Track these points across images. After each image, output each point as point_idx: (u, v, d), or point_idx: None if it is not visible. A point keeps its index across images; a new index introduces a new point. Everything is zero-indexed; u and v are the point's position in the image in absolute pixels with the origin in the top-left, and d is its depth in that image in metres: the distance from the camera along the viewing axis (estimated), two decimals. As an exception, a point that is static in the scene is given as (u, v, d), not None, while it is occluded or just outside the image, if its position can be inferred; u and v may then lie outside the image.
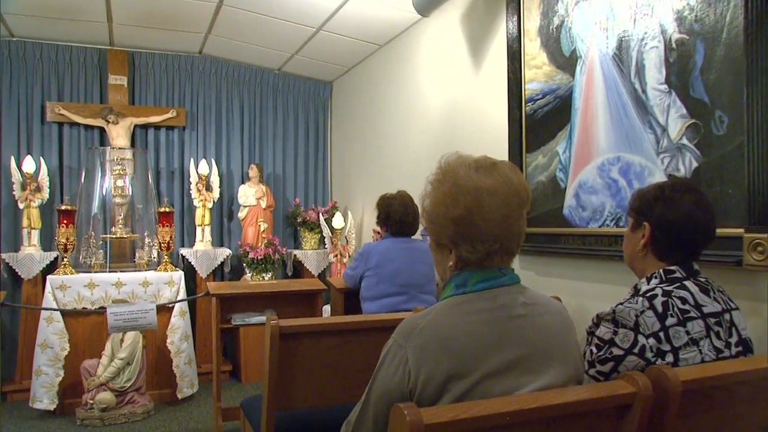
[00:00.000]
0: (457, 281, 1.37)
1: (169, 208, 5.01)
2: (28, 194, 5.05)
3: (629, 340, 1.50)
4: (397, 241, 3.57)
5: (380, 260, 3.48)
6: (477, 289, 1.35)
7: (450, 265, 1.39)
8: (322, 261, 5.96)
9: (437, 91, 4.23)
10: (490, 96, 3.54)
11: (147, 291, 4.72)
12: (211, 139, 6.01)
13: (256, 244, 5.72)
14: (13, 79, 5.35)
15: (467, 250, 1.35)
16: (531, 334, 1.32)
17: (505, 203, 1.32)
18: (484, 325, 1.29)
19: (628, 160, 2.49)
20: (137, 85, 5.78)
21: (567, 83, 2.84)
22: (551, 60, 2.95)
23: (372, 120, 5.41)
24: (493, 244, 1.33)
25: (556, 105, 2.91)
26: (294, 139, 6.37)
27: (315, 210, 5.98)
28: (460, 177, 1.34)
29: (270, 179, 6.23)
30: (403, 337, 1.30)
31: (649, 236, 1.68)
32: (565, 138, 2.86)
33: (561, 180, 2.89)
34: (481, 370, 1.24)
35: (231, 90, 6.10)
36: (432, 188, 1.41)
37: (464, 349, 1.25)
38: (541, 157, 3.01)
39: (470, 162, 1.37)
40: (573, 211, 2.81)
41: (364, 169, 5.64)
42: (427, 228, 1.45)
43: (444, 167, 1.40)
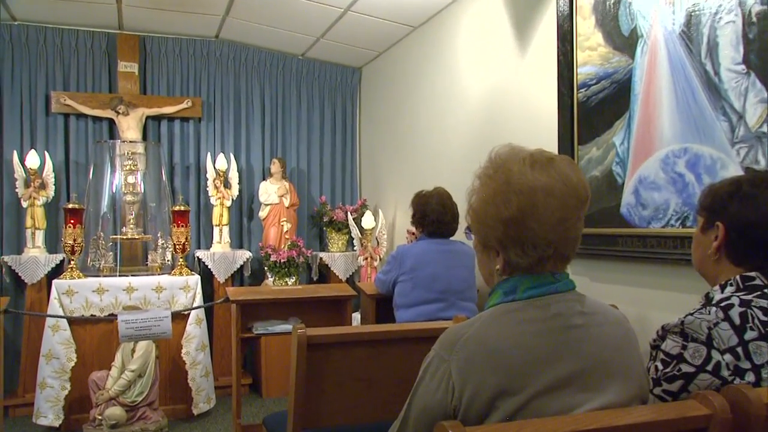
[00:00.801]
0: (506, 287, 1.37)
1: (184, 206, 5.06)
2: (32, 192, 5.15)
3: (701, 356, 1.47)
4: (434, 243, 3.57)
5: (415, 264, 3.48)
6: (528, 296, 1.34)
7: (497, 269, 1.39)
8: (350, 264, 5.97)
9: (478, 77, 4.20)
10: (538, 82, 3.50)
11: (160, 297, 4.77)
12: (229, 131, 6.07)
13: (279, 245, 5.76)
14: (15, 67, 5.46)
15: (517, 254, 1.34)
16: (589, 346, 1.30)
17: (562, 205, 1.31)
18: (537, 337, 1.28)
19: (697, 152, 2.45)
20: (149, 73, 5.86)
21: (626, 66, 2.80)
22: (608, 40, 2.91)
23: (405, 109, 5.40)
24: (547, 249, 1.32)
25: (613, 91, 2.87)
26: (319, 131, 6.40)
27: (342, 209, 6.00)
28: (513, 173, 1.33)
29: (293, 175, 6.27)
30: (445, 349, 1.30)
31: (723, 238, 1.65)
32: (623, 128, 2.82)
33: (618, 175, 2.85)
34: (533, 387, 1.23)
35: (251, 78, 6.15)
36: (480, 184, 1.40)
37: (514, 362, 1.24)
38: (595, 150, 2.98)
39: (524, 156, 1.36)
40: (632, 210, 2.77)
41: (396, 164, 5.64)
42: (472, 227, 1.44)
43: (495, 161, 1.39)
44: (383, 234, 5.61)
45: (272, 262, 5.60)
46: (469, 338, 1.28)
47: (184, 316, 4.77)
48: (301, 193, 6.19)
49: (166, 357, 4.75)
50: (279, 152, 6.25)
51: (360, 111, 6.56)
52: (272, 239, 5.82)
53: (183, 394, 4.76)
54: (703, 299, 1.67)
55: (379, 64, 6.05)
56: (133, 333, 3.90)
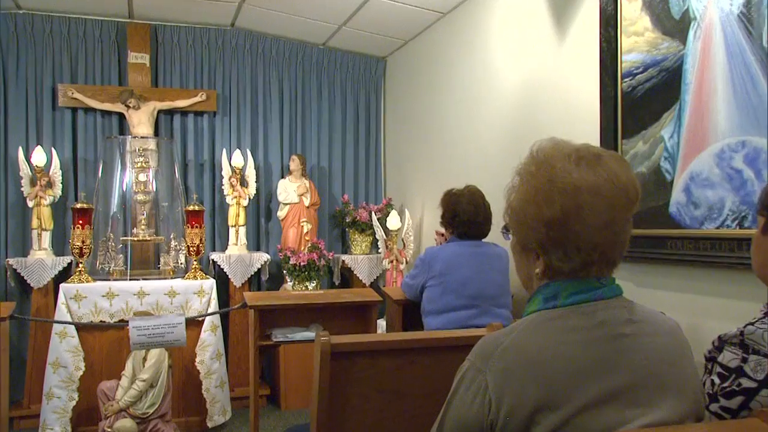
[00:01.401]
0: (546, 293, 1.36)
1: (198, 206, 5.10)
2: (39, 191, 5.21)
3: (764, 370, 1.43)
4: (465, 245, 3.55)
5: (445, 267, 3.47)
6: (571, 302, 1.32)
7: (536, 273, 1.38)
8: (374, 268, 5.97)
9: (513, 67, 4.17)
10: (578, 71, 3.47)
11: (173, 302, 4.81)
12: (245, 126, 6.10)
13: (299, 247, 5.77)
14: (20, 58, 5.53)
15: (559, 258, 1.33)
16: (638, 358, 1.28)
17: (610, 206, 1.30)
18: (581, 346, 1.26)
19: (757, 146, 2.40)
20: (161, 64, 5.90)
21: (676, 52, 2.76)
22: (656, 24, 2.87)
23: (433, 102, 5.38)
24: (592, 254, 1.31)
25: (662, 80, 2.83)
26: (341, 125, 6.41)
27: (366, 208, 6.01)
28: (557, 171, 1.32)
29: (314, 173, 6.28)
30: (481, 359, 1.29)
31: (787, 240, 1.61)
32: (673, 120, 2.77)
33: (666, 171, 2.81)
34: (576, 401, 1.21)
35: (268, 69, 6.17)
36: (521, 181, 1.39)
37: (556, 374, 1.23)
38: (642, 144, 2.94)
39: (569, 152, 1.35)
40: (682, 209, 2.73)
41: (424, 160, 5.63)
42: (510, 227, 1.43)
43: (537, 156, 1.38)
44: (410, 235, 5.59)
45: (291, 265, 5.61)
46: (507, 348, 1.27)
47: (199, 323, 4.80)
48: (322, 192, 6.20)
49: (180, 366, 4.78)
50: (298, 148, 6.27)
51: (385, 104, 6.56)
52: (291, 241, 5.83)
53: (197, 406, 4.79)
54: (764, 308, 1.63)
55: (405, 54, 6.03)
56: (145, 340, 3.92)
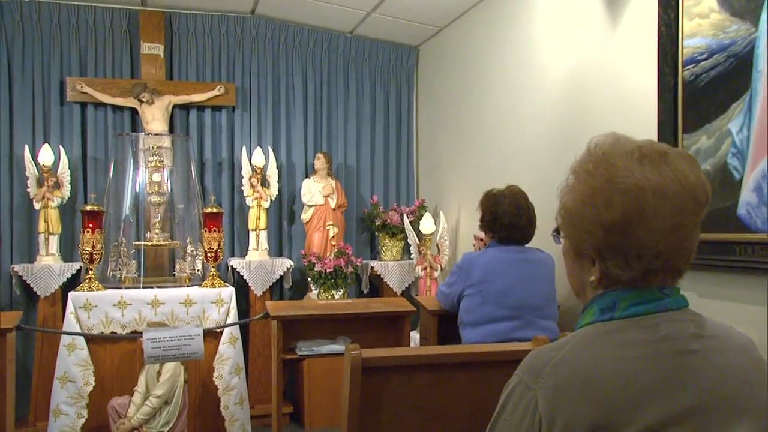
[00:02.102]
0: (603, 303, 1.34)
1: (216, 208, 5.11)
2: (46, 192, 5.26)
3: None
4: (507, 251, 3.53)
5: (485, 275, 3.45)
6: (630, 314, 1.31)
7: (591, 281, 1.36)
8: (406, 275, 5.96)
9: (559, 55, 4.14)
10: (633, 58, 3.43)
11: (189, 312, 4.83)
12: (267, 121, 6.12)
13: (324, 253, 5.78)
14: (26, 50, 5.59)
15: (618, 265, 1.31)
16: (708, 377, 1.26)
17: (676, 209, 1.28)
18: (642, 363, 1.24)
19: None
20: (176, 56, 5.95)
21: (746, 36, 2.70)
22: (723, 5, 2.81)
23: (471, 94, 5.36)
24: (655, 261, 1.29)
25: (730, 66, 2.78)
26: (370, 121, 6.41)
27: (398, 210, 5.99)
28: (618, 170, 1.30)
29: (341, 172, 6.29)
30: (530, 376, 1.28)
31: None
32: (742, 111, 2.72)
33: (735, 169, 2.76)
34: (637, 424, 1.19)
35: (291, 60, 6.19)
36: (577, 180, 1.37)
37: (614, 393, 1.21)
38: (705, 139, 2.89)
39: (631, 149, 1.33)
40: (753, 211, 2.68)
41: (460, 158, 5.60)
42: (563, 231, 1.42)
43: (595, 153, 1.36)
44: (445, 240, 5.57)
45: (316, 272, 5.61)
46: (559, 363, 1.26)
47: (217, 335, 4.81)
48: (349, 193, 6.21)
49: (196, 381, 4.80)
50: (324, 146, 6.28)
51: (417, 97, 6.55)
52: (316, 246, 5.84)
53: (214, 424, 4.80)
54: None
55: (439, 42, 6.02)
56: (160, 353, 3.93)
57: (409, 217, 5.82)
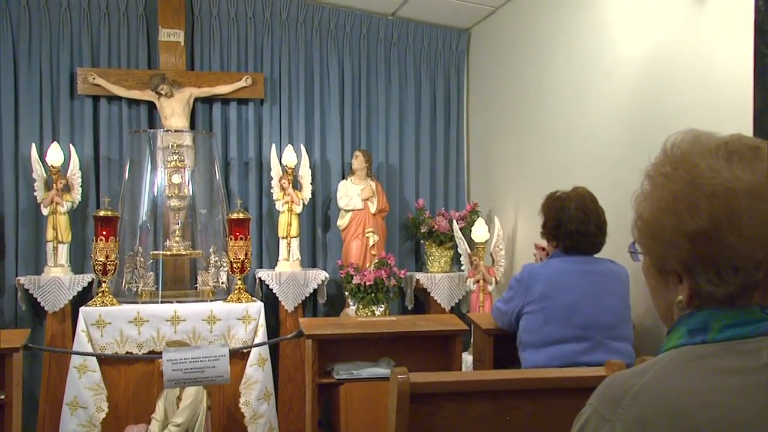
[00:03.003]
0: (693, 324, 1.30)
1: (243, 213, 5.14)
2: (54, 195, 5.31)
3: None
4: (574, 262, 3.50)
5: (548, 289, 3.42)
6: (726, 337, 1.26)
7: (679, 300, 1.32)
8: (456, 289, 5.92)
9: (634, 36, 4.09)
10: (724, 39, 3.37)
11: (213, 330, 4.86)
12: (299, 116, 6.13)
13: (363, 264, 5.77)
14: (32, 38, 5.65)
15: (709, 280, 1.27)
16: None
17: None
18: (740, 394, 1.20)
19: None
20: (198, 43, 5.98)
21: None
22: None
23: (530, 84, 5.32)
24: (754, 274, 1.25)
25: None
26: (415, 114, 6.39)
27: (446, 216, 5.96)
28: (701, 170, 1.26)
29: (381, 172, 6.28)
30: (607, 406, 1.24)
31: None
32: None
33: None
34: (734, 464, 1.16)
35: (326, 46, 6.19)
36: (653, 185, 1.34)
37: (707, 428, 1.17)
38: (806, 131, 2.84)
39: (716, 145, 1.29)
40: None
41: (518, 156, 5.56)
42: (642, 244, 1.38)
43: (673, 153, 1.33)
44: (500, 249, 5.53)
45: (354, 285, 5.59)
46: (641, 392, 1.22)
47: (243, 356, 4.83)
48: (391, 196, 6.19)
49: (220, 408, 4.81)
50: (363, 143, 6.28)
51: (468, 87, 6.53)
52: (354, 256, 5.83)
53: (241, 456, 4.83)
54: None
55: (494, 24, 5.99)
56: (181, 376, 3.95)
57: (459, 223, 5.78)
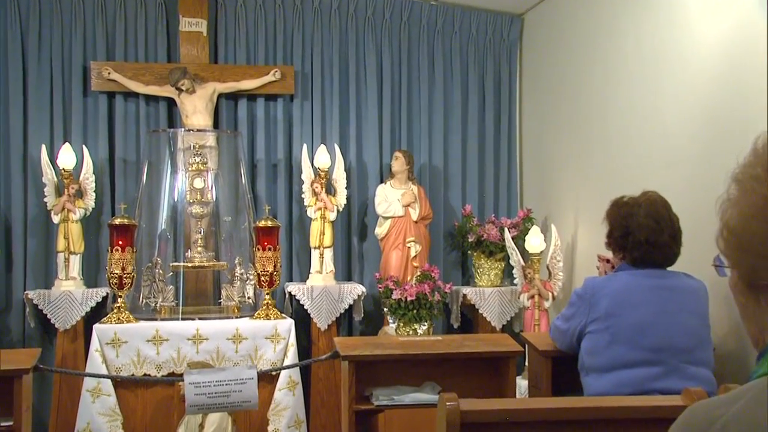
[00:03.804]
0: (788, 348, 1.29)
1: (271, 221, 5.15)
2: (66, 202, 5.35)
3: None
4: (644, 276, 3.45)
5: (614, 306, 3.38)
6: (829, 365, 1.25)
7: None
8: (508, 305, 5.89)
9: (713, 21, 4.05)
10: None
11: (239, 349, 4.87)
12: (332, 113, 6.14)
13: (404, 277, 5.76)
14: (42, 30, 5.72)
15: None
16: None
17: None
18: None
19: None
20: (222, 33, 6.02)
21: None
22: None
23: (593, 74, 5.27)
24: None
25: None
26: (461, 110, 6.37)
27: (496, 223, 5.93)
28: None
29: (424, 175, 6.27)
30: (690, 439, 1.23)
31: None
32: None
33: None
34: None
35: (363, 36, 6.20)
36: (742, 191, 1.31)
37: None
38: None
39: None
40: None
41: (578, 156, 5.52)
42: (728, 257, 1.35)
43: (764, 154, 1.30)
44: (558, 261, 5.49)
45: (395, 300, 5.55)
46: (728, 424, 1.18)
47: (272, 378, 4.84)
48: (435, 202, 6.18)
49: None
50: (403, 143, 6.27)
51: (521, 80, 6.51)
52: (394, 268, 5.82)
53: (269, 490, 4.83)
54: None
55: (551, 9, 5.98)
56: (205, 401, 3.94)
57: (512, 232, 5.74)
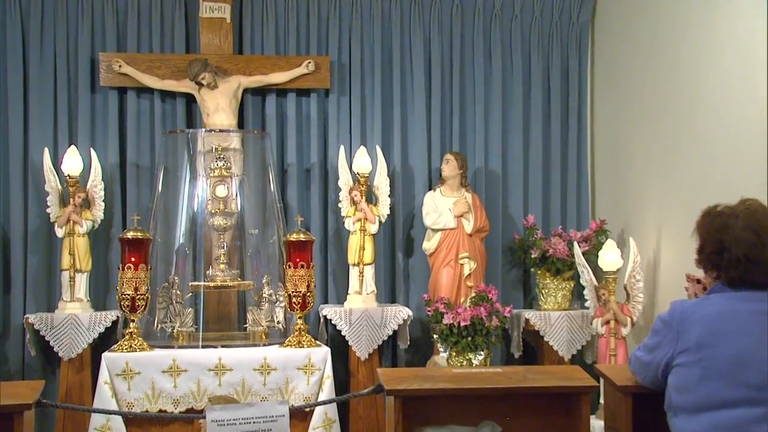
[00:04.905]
0: None
1: (304, 234, 5.12)
2: (72, 213, 5.36)
3: None
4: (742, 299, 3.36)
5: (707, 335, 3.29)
6: None
7: None
8: (578, 332, 5.84)
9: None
10: None
11: (268, 382, 4.85)
12: (374, 110, 6.14)
13: (457, 299, 5.72)
14: (45, 18, 5.75)
15: None
16: None
17: None
18: None
19: None
20: (247, 19, 6.02)
21: None
22: None
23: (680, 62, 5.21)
24: None
25: None
26: (523, 106, 6.33)
27: (564, 237, 5.88)
28: None
29: (479, 181, 6.24)
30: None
31: None
32: None
33: None
34: None
35: (409, 21, 6.18)
36: None
37: None
38: None
39: None
40: None
41: (660, 158, 5.46)
42: None
43: None
44: (637, 280, 5.41)
45: (446, 326, 5.49)
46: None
47: (305, 416, 4.82)
48: (492, 212, 6.15)
49: (277, 482, 4.80)
50: (455, 144, 6.24)
51: (593, 70, 6.47)
52: (445, 288, 5.79)
53: None
54: None
55: (625, -9, 5.95)
56: (230, 443, 3.95)
57: (582, 247, 5.68)
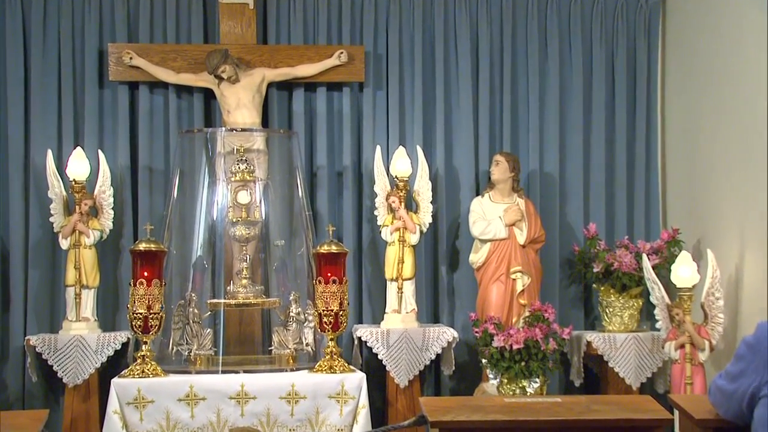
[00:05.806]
0: None
1: (336, 246, 5.10)
2: (78, 222, 5.35)
3: None
4: (843, 322, 3.30)
5: (802, 363, 3.23)
6: None
7: None
8: (648, 357, 5.76)
9: None
10: None
11: (296, 412, 4.81)
12: (414, 106, 6.10)
13: (508, 318, 5.68)
14: (48, 6, 5.75)
15: None
16: None
17: None
18: None
19: None
20: (272, 5, 6.00)
21: None
22: None
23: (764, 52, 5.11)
24: None
25: None
26: (583, 103, 6.29)
27: (631, 248, 5.83)
28: None
29: (533, 186, 6.21)
30: None
31: None
32: None
33: None
34: None
35: (453, 9, 6.15)
36: None
37: None
38: None
39: None
40: None
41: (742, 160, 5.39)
42: None
43: None
44: (717, 299, 5.34)
45: (496, 349, 5.45)
46: None
47: (338, 449, 4.79)
48: (548, 219, 6.10)
49: None
50: (505, 144, 6.20)
51: (664, 61, 6.43)
52: (495, 306, 5.74)
53: None
54: None
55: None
56: (254, 481, 3.92)
57: (652, 260, 5.63)
